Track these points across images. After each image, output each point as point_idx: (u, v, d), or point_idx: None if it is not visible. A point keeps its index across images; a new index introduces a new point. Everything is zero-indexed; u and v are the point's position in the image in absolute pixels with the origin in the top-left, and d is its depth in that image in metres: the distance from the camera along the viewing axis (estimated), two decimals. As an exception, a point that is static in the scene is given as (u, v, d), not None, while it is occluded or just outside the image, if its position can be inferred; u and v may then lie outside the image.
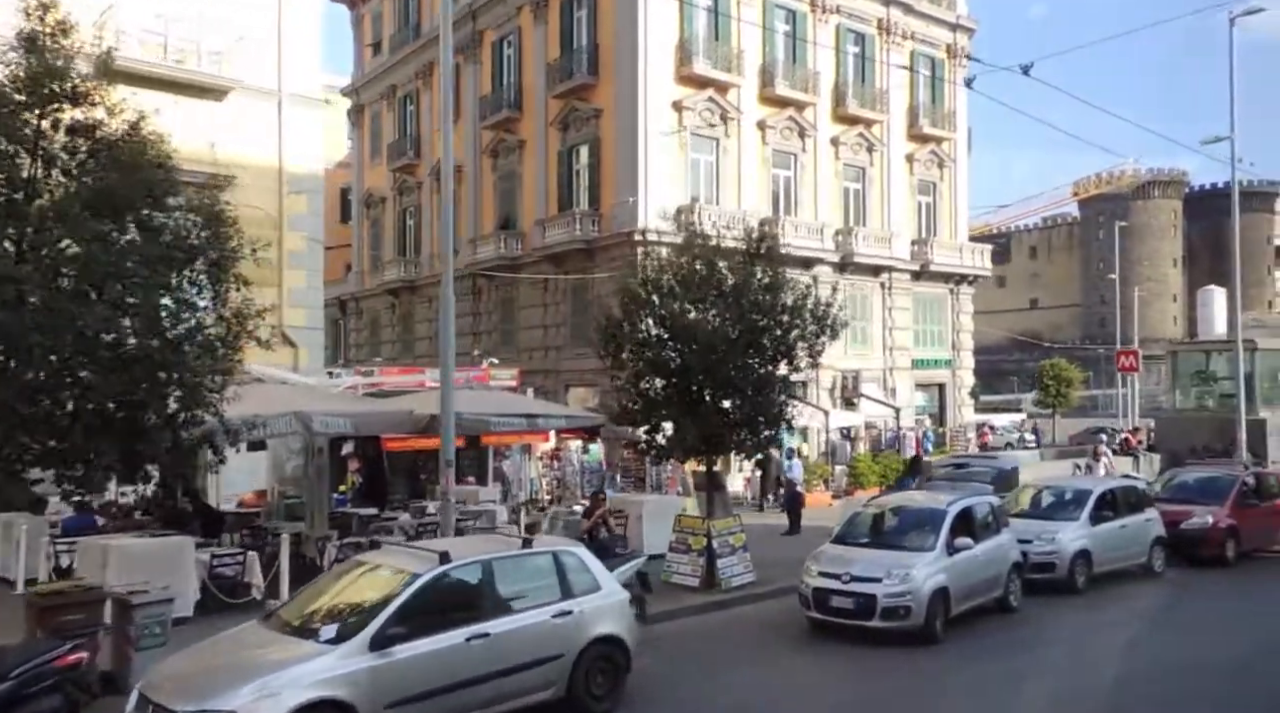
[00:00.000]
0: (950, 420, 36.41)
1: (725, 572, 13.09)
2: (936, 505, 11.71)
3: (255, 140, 20.53)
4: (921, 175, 36.01)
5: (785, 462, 21.34)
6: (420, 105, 39.66)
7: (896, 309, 34.66)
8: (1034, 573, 13.27)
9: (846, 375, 33.17)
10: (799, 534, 18.28)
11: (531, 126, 33.06)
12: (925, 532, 11.35)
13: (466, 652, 7.11)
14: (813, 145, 32.53)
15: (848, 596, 10.67)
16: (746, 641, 11.17)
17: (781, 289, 13.44)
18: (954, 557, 11.11)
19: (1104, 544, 13.83)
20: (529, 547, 8.03)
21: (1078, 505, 14.00)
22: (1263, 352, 24.49)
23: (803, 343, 13.44)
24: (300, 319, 21.32)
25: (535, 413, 15.01)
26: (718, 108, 30.11)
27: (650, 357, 12.86)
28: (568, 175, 31.67)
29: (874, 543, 11.57)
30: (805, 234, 31.49)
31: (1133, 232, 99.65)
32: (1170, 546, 15.26)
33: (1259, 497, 16.27)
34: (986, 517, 12.24)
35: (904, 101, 35.12)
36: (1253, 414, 23.98)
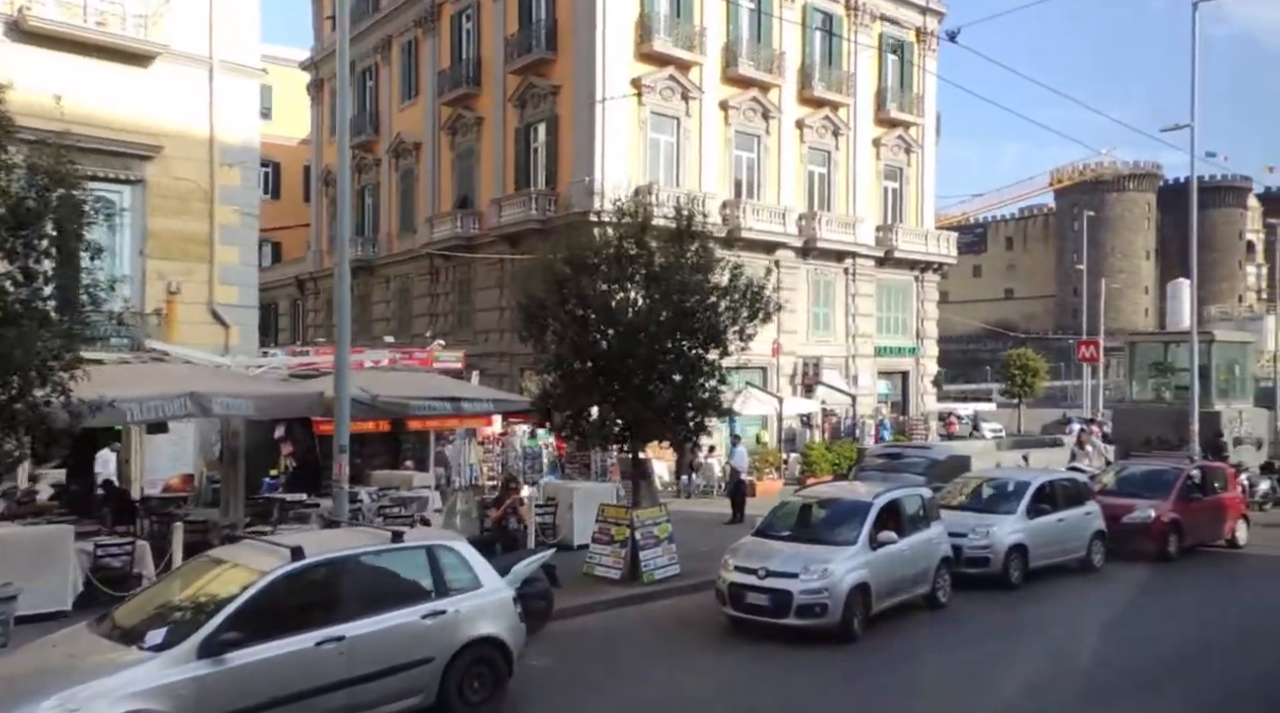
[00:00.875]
0: (913, 409, 36.13)
1: (648, 564, 12.58)
2: (861, 498, 11.23)
3: (185, 110, 19.63)
4: (888, 160, 35.53)
5: (731, 449, 20.82)
6: (379, 80, 38.69)
7: (860, 296, 34.24)
8: (968, 568, 12.85)
9: (808, 362, 32.77)
10: (742, 523, 17.80)
11: (490, 103, 32.25)
12: (848, 525, 10.87)
13: (316, 657, 6.53)
14: (777, 128, 31.94)
15: (763, 592, 10.18)
16: (659, 638, 10.66)
17: (711, 269, 12.85)
18: (877, 552, 10.64)
19: (1041, 538, 13.43)
20: (399, 541, 7.44)
21: (1015, 498, 13.59)
22: (1220, 344, 24.24)
23: (733, 326, 12.87)
24: (233, 297, 20.48)
25: (460, 396, 14.36)
26: (679, 87, 29.44)
27: (573, 339, 12.27)
28: (525, 153, 30.94)
29: (796, 536, 11.08)
30: (768, 218, 30.96)
31: (1107, 224, 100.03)
32: (1112, 539, 14.92)
33: (1203, 491, 15.95)
34: (916, 509, 11.79)
35: (871, 85, 34.58)
36: (1208, 406, 23.76)
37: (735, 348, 13.15)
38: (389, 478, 18.58)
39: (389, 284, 38.18)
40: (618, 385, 12.14)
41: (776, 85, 31.60)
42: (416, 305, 36.21)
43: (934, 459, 16.23)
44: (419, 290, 36.13)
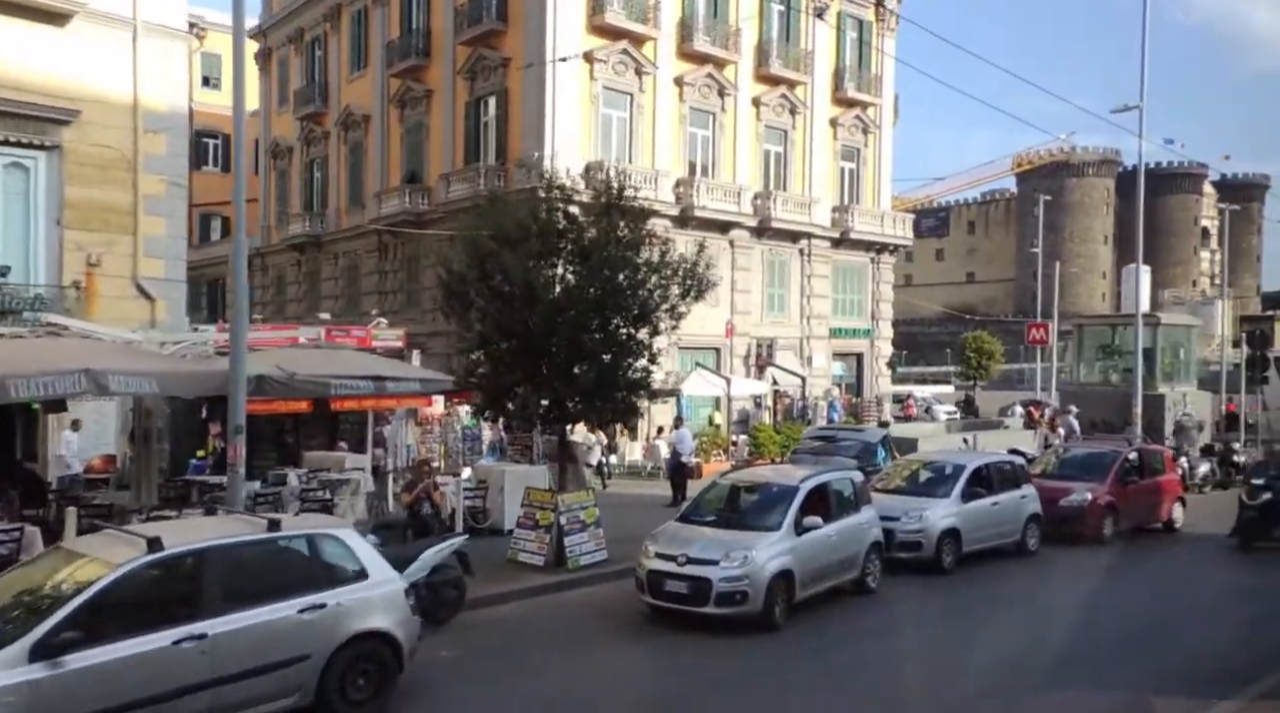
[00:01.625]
0: (867, 391, 36.08)
1: (574, 550, 12.19)
2: (788, 482, 10.91)
3: (106, 73, 18.72)
4: (845, 141, 35.21)
5: (673, 431, 20.49)
6: (329, 50, 37.56)
7: (815, 277, 34.01)
8: (900, 552, 12.65)
9: (762, 343, 32.53)
10: (682, 507, 17.50)
11: (440, 75, 31.41)
12: (773, 510, 10.56)
13: (174, 657, 6.05)
14: (733, 105, 31.46)
15: (682, 579, 9.83)
16: (575, 628, 10.29)
17: (642, 245, 12.41)
18: (802, 537, 10.34)
19: (975, 522, 13.26)
20: (276, 529, 6.96)
21: (950, 482, 13.39)
22: (1165, 327, 24.33)
23: (664, 304, 12.46)
24: (158, 270, 19.68)
25: (386, 376, 13.83)
26: (632, 61, 28.82)
27: (496, 316, 11.80)
28: (475, 127, 30.19)
29: (720, 521, 10.75)
30: (722, 197, 30.56)
31: (1066, 209, 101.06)
32: (1049, 523, 14.82)
33: (1141, 474, 15.90)
34: (845, 494, 11.51)
35: (829, 64, 34.18)
36: (1153, 389, 23.87)
37: (666, 327, 12.76)
38: (322, 460, 17.97)
39: (337, 261, 37.28)
40: (542, 365, 11.70)
41: (733, 62, 31.09)
42: (365, 282, 35.38)
43: (867, 442, 15.98)
44: (367, 267, 35.30)
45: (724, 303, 31.41)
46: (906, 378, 71.23)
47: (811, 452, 15.56)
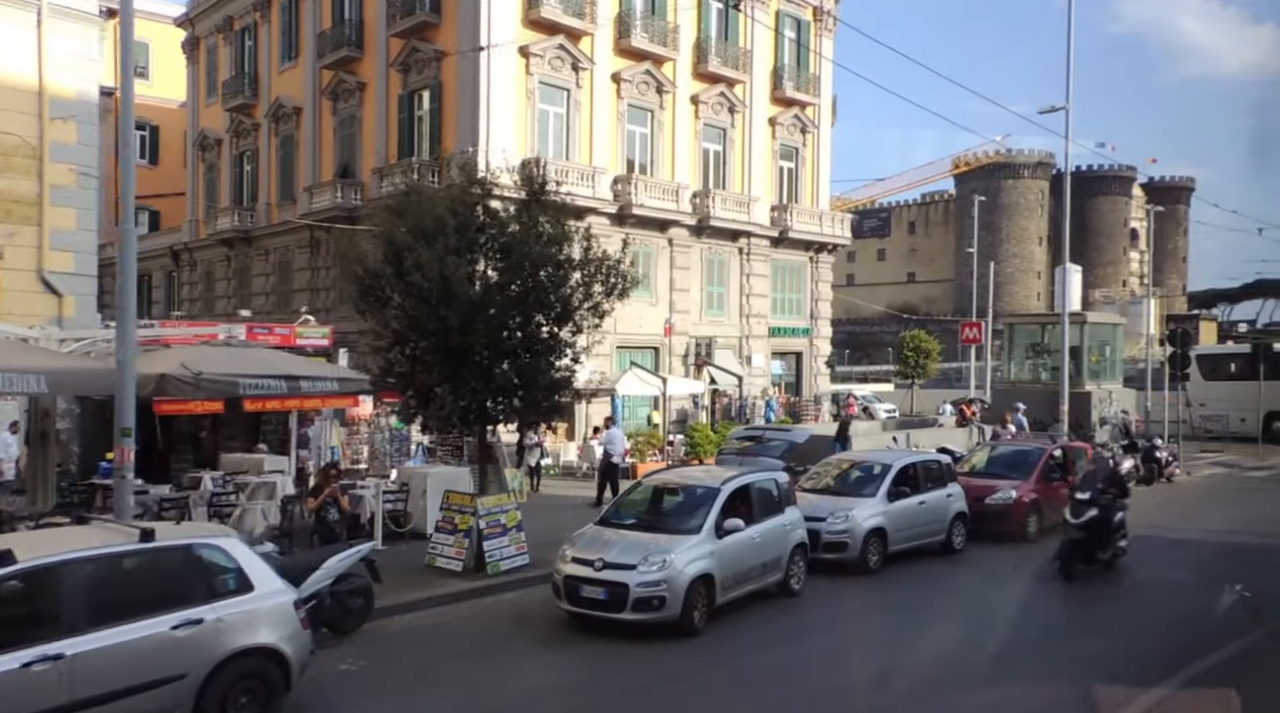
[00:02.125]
0: (806, 390, 36.26)
1: (494, 554, 11.84)
2: (710, 484, 10.71)
3: (8, 56, 17.79)
4: (784, 140, 35.29)
5: (605, 431, 20.22)
6: (259, 39, 36.43)
7: (755, 276, 34.03)
8: (826, 553, 12.56)
9: (700, 342, 32.45)
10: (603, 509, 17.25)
11: (373, 67, 30.67)
12: (694, 512, 10.36)
13: (25, 681, 5.59)
14: (671, 103, 31.29)
15: (599, 585, 9.56)
16: (492, 635, 9.96)
17: (566, 241, 12.10)
18: (723, 540, 10.15)
19: (901, 522, 13.24)
20: (149, 540, 6.51)
21: (876, 481, 13.35)
22: (1092, 326, 24.80)
23: (586, 302, 12.17)
24: (67, 264, 18.76)
25: (299, 375, 13.30)
26: (569, 56, 28.47)
27: (411, 314, 11.38)
28: (409, 122, 29.52)
29: (640, 524, 10.51)
30: (661, 195, 30.37)
31: (1003, 210, 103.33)
32: (976, 521, 14.90)
33: (1065, 471, 16.09)
34: (769, 495, 11.36)
35: (768, 63, 34.23)
36: (1080, 387, 24.31)
37: (589, 325, 12.47)
38: (239, 462, 17.34)
39: (268, 257, 36.21)
40: (460, 364, 11.32)
41: (671, 59, 30.93)
42: (297, 279, 34.43)
43: (793, 442, 15.91)
44: (299, 264, 34.35)
45: (663, 302, 31.28)
46: (849, 377, 72.15)
47: (737, 453, 15.40)
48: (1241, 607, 11.25)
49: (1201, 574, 13.18)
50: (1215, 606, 11.55)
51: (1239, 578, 12.92)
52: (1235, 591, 11.56)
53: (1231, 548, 14.88)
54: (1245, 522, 17.12)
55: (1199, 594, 12.09)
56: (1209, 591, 12.29)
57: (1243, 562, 13.89)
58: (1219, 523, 16.88)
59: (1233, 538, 15.54)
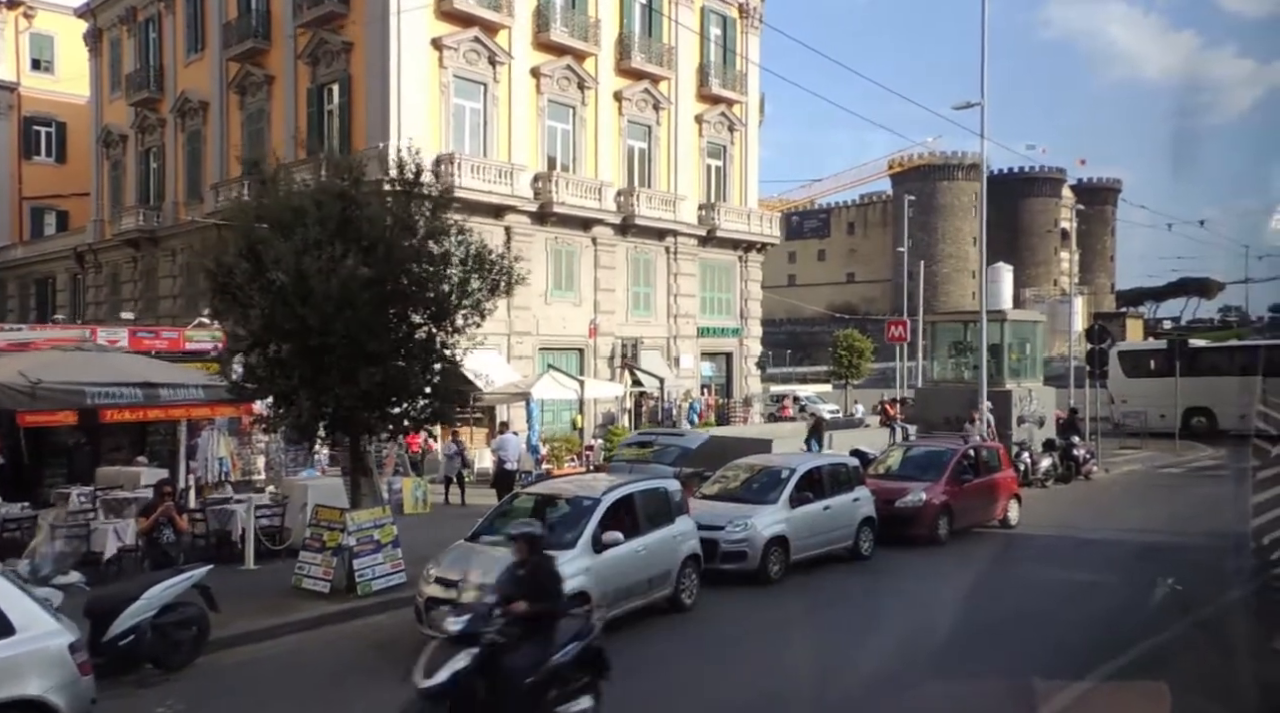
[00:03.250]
0: (736, 391, 35.83)
1: (365, 573, 10.97)
2: (590, 494, 9.99)
3: None
4: (711, 138, 34.82)
5: (497, 436, 19.38)
6: (164, 31, 34.82)
7: (682, 276, 33.48)
8: (725, 564, 11.95)
9: (627, 343, 31.78)
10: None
11: (280, 60, 29.40)
12: (570, 526, 9.63)
13: None
14: (593, 99, 30.58)
15: (462, 608, 8.74)
16: (346, 665, 9.09)
17: (443, 236, 11.29)
18: (602, 555, 9.44)
19: (804, 528, 12.69)
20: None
21: (778, 487, 12.78)
22: (1012, 323, 24.73)
23: (465, 301, 11.37)
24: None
25: (158, 382, 12.27)
26: (485, 50, 27.57)
27: (266, 313, 10.46)
28: (319, 116, 28.30)
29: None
30: (583, 193, 29.64)
31: (938, 211, 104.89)
32: (886, 524, 14.46)
33: (977, 471, 15.76)
34: (656, 504, 10.69)
35: (693, 60, 33.73)
36: (1000, 385, 24.19)
37: (471, 325, 11.66)
38: (115, 475, 16.13)
39: (175, 258, 34.56)
40: (321, 368, 10.43)
41: (592, 54, 30.23)
42: (204, 282, 32.75)
43: (686, 447, 15.28)
44: (208, 264, 32.72)
45: (587, 303, 30.56)
46: (789, 377, 72.25)
47: (627, 460, 14.69)
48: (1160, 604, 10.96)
49: (1112, 575, 12.88)
50: (1128, 606, 11.24)
51: (1148, 578, 12.67)
52: (1167, 584, 11.36)
53: (1143, 547, 14.67)
54: (1159, 519, 17.01)
55: (1108, 596, 11.76)
56: (1118, 592, 11.99)
57: (1154, 560, 13.63)
58: (1132, 521, 16.73)
59: (1145, 537, 15.36)
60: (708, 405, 32.41)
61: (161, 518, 9.75)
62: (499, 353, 28.12)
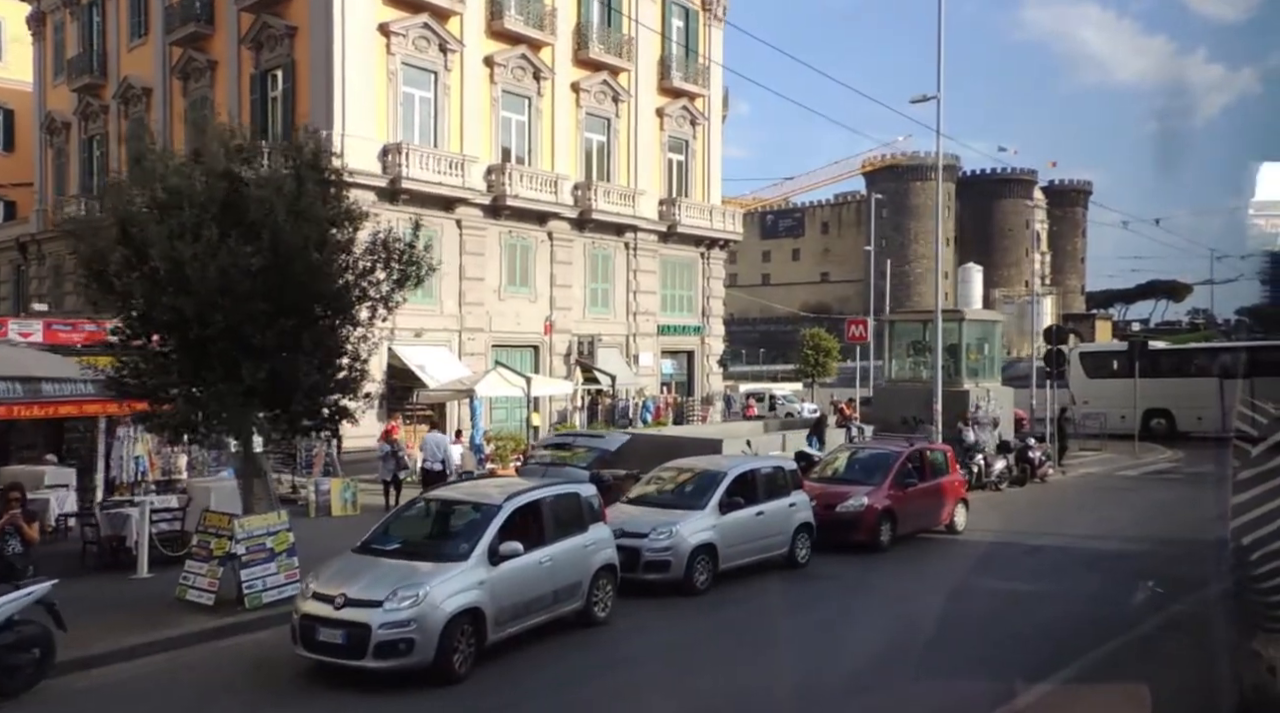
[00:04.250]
0: (698, 389, 35.20)
1: (254, 585, 10.17)
2: (491, 500, 9.26)
3: None
4: (673, 132, 34.15)
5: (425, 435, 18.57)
6: (107, 14, 33.65)
7: (642, 272, 32.79)
8: (648, 573, 11.27)
9: (583, 340, 31.05)
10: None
11: (224, 44, 28.40)
12: (466, 535, 8.90)
13: None
14: (550, 90, 29.81)
15: (338, 626, 8.02)
16: (213, 689, 8.30)
17: (344, 222, 10.50)
18: (499, 567, 8.71)
19: (735, 536, 12.03)
20: None
21: (708, 492, 12.10)
22: (970, 322, 24.25)
23: (372, 291, 10.60)
24: None
25: (42, 376, 11.41)
26: (435, 37, 26.73)
27: (143, 303, 9.64)
28: (263, 103, 27.35)
29: (403, 550, 8.98)
30: (539, 186, 28.90)
31: (911, 211, 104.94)
32: (827, 530, 13.85)
33: (922, 475, 15.18)
34: (569, 511, 9.98)
35: (654, 52, 33.02)
36: (958, 385, 23.72)
37: (379, 317, 10.90)
38: (17, 475, 15.19)
39: (118, 249, 33.31)
40: (202, 364, 9.63)
41: (548, 44, 29.46)
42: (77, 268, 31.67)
43: (604, 450, 14.56)
44: (150, 257, 31.65)
45: (543, 298, 29.81)
46: (761, 376, 71.77)
47: (542, 463, 13.92)
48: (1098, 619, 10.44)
49: (1053, 584, 12.33)
50: (1065, 618, 10.70)
51: (1090, 587, 12.15)
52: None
53: (1090, 555, 14.15)
54: (1109, 525, 16.53)
55: (1047, 608, 11.20)
56: (1058, 603, 11.45)
57: (1098, 569, 13.15)
58: (1082, 527, 16.23)
59: (1093, 544, 14.85)
60: (666, 404, 31.73)
61: (7, 527, 8.90)
62: (449, 349, 27.36)
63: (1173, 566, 12.38)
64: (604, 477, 13.67)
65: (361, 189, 25.20)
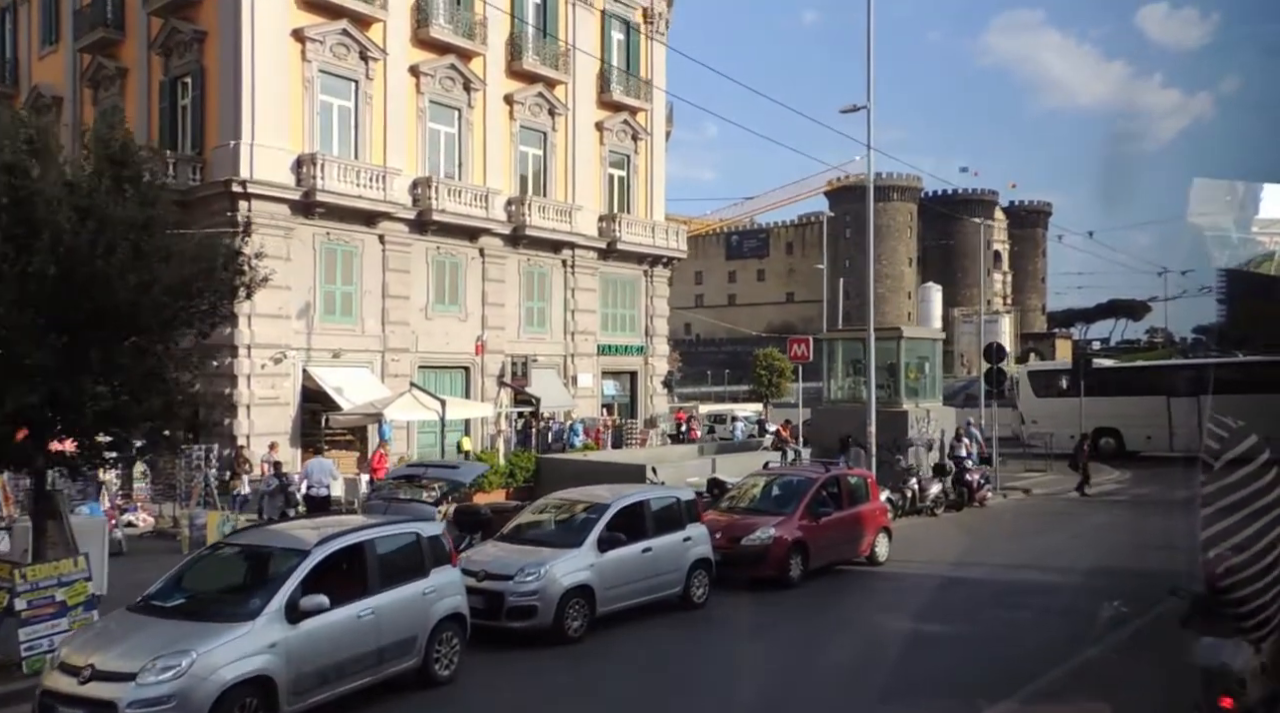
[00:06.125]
0: (641, 411, 34.02)
1: (36, 645, 8.78)
2: (295, 545, 7.97)
3: None
4: (614, 146, 33.16)
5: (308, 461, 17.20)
6: (19, 20, 32.15)
7: (581, 290, 31.65)
8: (512, 620, 10.01)
9: (517, 361, 29.80)
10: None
11: (134, 51, 27.06)
12: (261, 588, 7.60)
13: None
14: (481, 101, 28.70)
15: (79, 705, 6.69)
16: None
17: (156, 229, 9.24)
18: (300, 625, 7.42)
19: (617, 576, 10.82)
20: None
21: (585, 528, 10.89)
22: (909, 341, 23.34)
23: (192, 307, 9.34)
24: None
25: None
26: (355, 44, 25.56)
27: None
28: (172, 112, 25.98)
29: (185, 607, 7.66)
30: (469, 201, 27.70)
31: (874, 231, 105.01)
32: (733, 565, 12.71)
33: (839, 503, 14.06)
34: (405, 554, 8.71)
35: (594, 64, 32.05)
36: (896, 406, 22.76)
37: (197, 335, 9.63)
38: None
39: (28, 267, 31.66)
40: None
41: (479, 54, 28.39)
42: None
43: (457, 481, 13.29)
44: (59, 274, 30.02)
45: (474, 317, 28.56)
46: (724, 396, 70.72)
47: (387, 497, 12.56)
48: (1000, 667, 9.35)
49: (964, 625, 11.21)
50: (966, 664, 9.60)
51: (1000, 629, 11.07)
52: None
53: (1008, 587, 13.10)
54: (1034, 553, 15.49)
55: (949, 653, 10.08)
56: (963, 647, 10.34)
57: (1009, 605, 12.11)
58: (1007, 556, 15.18)
59: (1014, 574, 13.78)
60: (605, 426, 30.48)
61: None
62: (371, 370, 26.00)
63: (1095, 600, 11.33)
64: (480, 510, 12.43)
65: (272, 202, 24.03)
